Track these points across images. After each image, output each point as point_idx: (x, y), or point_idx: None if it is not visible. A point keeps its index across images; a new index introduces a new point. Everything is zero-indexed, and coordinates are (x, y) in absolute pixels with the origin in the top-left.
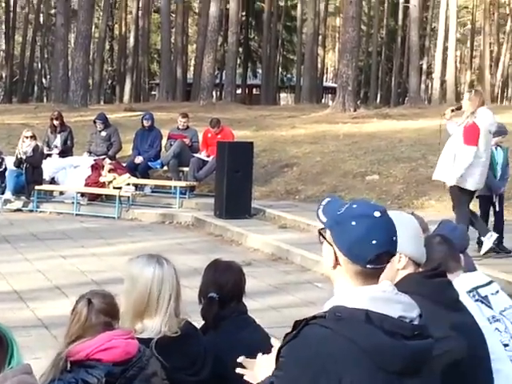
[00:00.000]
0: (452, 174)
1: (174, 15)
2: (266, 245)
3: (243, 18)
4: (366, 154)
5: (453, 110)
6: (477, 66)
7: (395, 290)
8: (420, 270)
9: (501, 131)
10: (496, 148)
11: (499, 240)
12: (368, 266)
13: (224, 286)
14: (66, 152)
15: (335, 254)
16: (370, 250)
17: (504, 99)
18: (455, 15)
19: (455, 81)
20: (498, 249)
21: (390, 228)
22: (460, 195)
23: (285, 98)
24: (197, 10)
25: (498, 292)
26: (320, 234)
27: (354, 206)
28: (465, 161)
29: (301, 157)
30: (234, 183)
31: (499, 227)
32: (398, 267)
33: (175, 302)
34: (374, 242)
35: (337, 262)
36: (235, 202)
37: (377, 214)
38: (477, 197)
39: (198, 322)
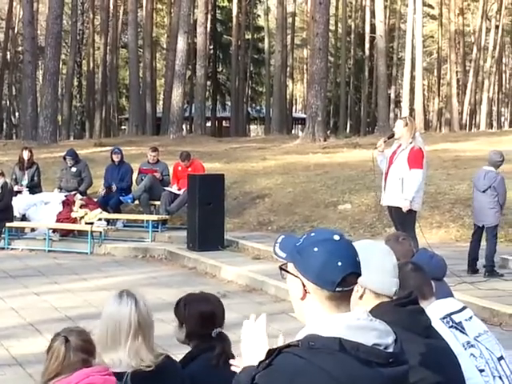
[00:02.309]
0: (404, 198)
1: (141, 50)
2: (240, 276)
3: (211, 52)
4: (337, 183)
5: (385, 141)
6: (444, 93)
7: (370, 317)
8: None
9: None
10: None
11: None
12: (337, 289)
13: (208, 318)
14: (33, 188)
15: (302, 283)
16: (337, 272)
17: (472, 126)
18: (421, 45)
19: (423, 109)
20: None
21: (351, 249)
22: (408, 217)
23: (255, 129)
24: (164, 45)
25: (471, 318)
26: (282, 269)
27: (312, 234)
28: (414, 183)
29: (272, 188)
30: (206, 215)
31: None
32: (356, 297)
33: (142, 336)
34: (339, 263)
35: (305, 292)
36: (208, 234)
37: (336, 237)
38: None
39: (176, 356)
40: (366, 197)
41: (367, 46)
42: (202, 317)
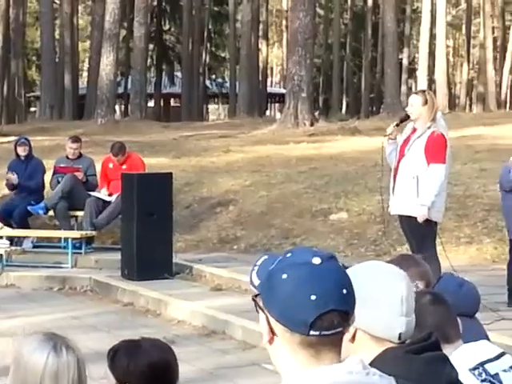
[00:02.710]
0: (420, 203)
1: (58, 2)
2: (194, 314)
3: (154, 3)
4: (328, 184)
5: (398, 125)
6: (476, 59)
7: (367, 369)
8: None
9: None
10: None
11: None
12: (312, 332)
13: (161, 372)
14: None
15: (269, 322)
16: (310, 309)
17: None
18: None
19: (447, 80)
20: None
21: (336, 278)
22: (426, 230)
23: (215, 110)
24: None
25: None
26: (254, 301)
27: (289, 255)
28: (435, 184)
29: (239, 191)
30: (148, 231)
31: None
32: (347, 338)
33: None
34: (312, 297)
35: (273, 334)
36: (150, 257)
37: (316, 260)
38: None
39: None
40: (369, 202)
41: None
42: (153, 371)
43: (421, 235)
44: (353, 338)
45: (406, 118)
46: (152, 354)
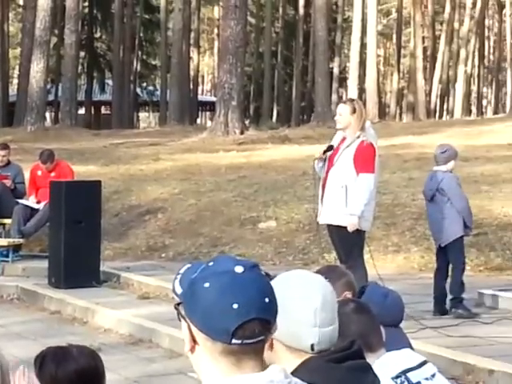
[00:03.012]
0: (349, 213)
1: None
2: (121, 323)
3: (85, 11)
4: (257, 192)
5: (324, 152)
6: (406, 68)
7: (288, 378)
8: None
9: (454, 152)
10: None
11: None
12: (234, 341)
13: (89, 379)
14: None
15: (191, 331)
16: (232, 317)
17: (444, 112)
18: (375, 1)
19: (378, 89)
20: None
21: (258, 287)
22: (355, 239)
23: (146, 118)
24: (21, 1)
25: (434, 376)
26: (176, 309)
27: (211, 263)
28: (364, 193)
29: (168, 199)
30: (76, 239)
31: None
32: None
33: None
34: (234, 305)
35: (194, 343)
36: (78, 265)
37: (238, 269)
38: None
39: None
40: (298, 211)
41: (302, 2)
42: (81, 378)
43: (349, 244)
44: (271, 347)
45: (330, 149)
46: (80, 361)
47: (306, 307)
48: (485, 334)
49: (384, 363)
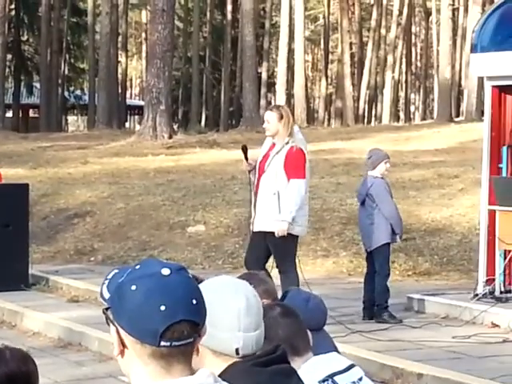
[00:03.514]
0: (281, 219)
1: None
2: (50, 326)
3: (12, 13)
4: (186, 196)
5: (246, 158)
6: (334, 74)
7: (218, 382)
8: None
9: (384, 154)
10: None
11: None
12: (162, 343)
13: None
14: None
15: (119, 335)
16: (159, 319)
17: (372, 118)
18: (302, 6)
19: (306, 94)
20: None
21: (185, 289)
22: (287, 245)
23: (74, 122)
24: None
25: (361, 379)
26: (104, 314)
27: (138, 266)
28: (296, 199)
29: (96, 203)
30: (4, 242)
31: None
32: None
33: None
34: (162, 307)
35: (123, 347)
36: (5, 268)
37: (165, 271)
38: (370, 249)
39: None
40: (226, 215)
41: (229, 7)
42: (11, 382)
43: (283, 250)
44: (197, 352)
45: (244, 148)
46: (11, 365)
47: (229, 312)
48: (413, 338)
49: (311, 367)
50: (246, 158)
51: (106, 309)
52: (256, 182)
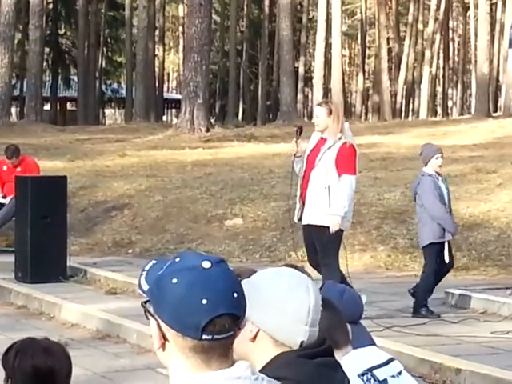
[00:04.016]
0: (333, 213)
1: None
2: (88, 318)
3: (50, 7)
4: (223, 190)
5: (296, 140)
6: (371, 68)
7: (255, 375)
8: None
9: (435, 149)
10: (437, 178)
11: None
12: (204, 336)
13: (43, 377)
14: None
15: (160, 328)
16: (201, 313)
17: (409, 112)
18: (339, 1)
19: (343, 89)
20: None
21: (226, 281)
22: (334, 239)
23: (111, 115)
24: None
25: (400, 373)
26: (143, 307)
27: (177, 259)
28: (347, 194)
29: (134, 196)
30: (42, 234)
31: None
32: (249, 337)
33: None
34: (204, 301)
35: (164, 340)
36: (44, 260)
37: (206, 264)
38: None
39: None
40: (264, 209)
41: (267, 1)
42: (36, 374)
43: (329, 244)
44: (254, 338)
45: (300, 129)
46: (38, 358)
47: (302, 306)
48: (451, 333)
49: (350, 360)
50: (296, 140)
51: (145, 302)
52: (303, 175)
